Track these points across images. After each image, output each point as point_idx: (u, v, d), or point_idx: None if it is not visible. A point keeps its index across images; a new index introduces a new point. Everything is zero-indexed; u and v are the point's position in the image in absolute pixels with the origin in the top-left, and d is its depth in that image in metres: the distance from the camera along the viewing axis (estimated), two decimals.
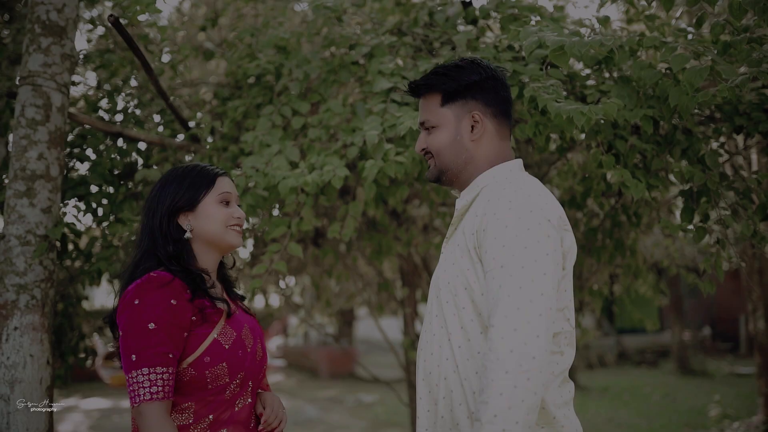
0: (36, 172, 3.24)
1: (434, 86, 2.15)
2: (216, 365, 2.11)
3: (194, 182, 2.23)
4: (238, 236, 2.28)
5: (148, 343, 2.00)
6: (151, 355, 2.00)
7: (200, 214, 2.22)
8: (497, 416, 1.73)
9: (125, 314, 2.05)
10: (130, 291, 2.08)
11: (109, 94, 4.18)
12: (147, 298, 2.05)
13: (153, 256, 2.18)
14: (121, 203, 3.74)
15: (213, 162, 3.73)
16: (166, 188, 2.23)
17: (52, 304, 3.26)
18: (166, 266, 2.15)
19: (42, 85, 3.29)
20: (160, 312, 2.03)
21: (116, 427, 11.09)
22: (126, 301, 2.07)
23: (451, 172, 2.16)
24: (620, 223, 4.17)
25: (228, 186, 2.28)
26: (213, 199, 2.23)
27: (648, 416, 10.79)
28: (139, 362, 1.99)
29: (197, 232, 2.22)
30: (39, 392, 3.13)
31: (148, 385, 1.98)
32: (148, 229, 2.22)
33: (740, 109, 3.21)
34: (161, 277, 2.10)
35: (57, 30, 3.35)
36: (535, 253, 1.86)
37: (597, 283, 5.12)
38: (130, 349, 2.01)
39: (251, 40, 4.13)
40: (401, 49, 3.58)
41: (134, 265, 2.20)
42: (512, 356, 1.76)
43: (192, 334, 2.09)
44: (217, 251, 2.28)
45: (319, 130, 3.43)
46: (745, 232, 3.01)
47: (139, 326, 2.02)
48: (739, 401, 11.54)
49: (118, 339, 2.14)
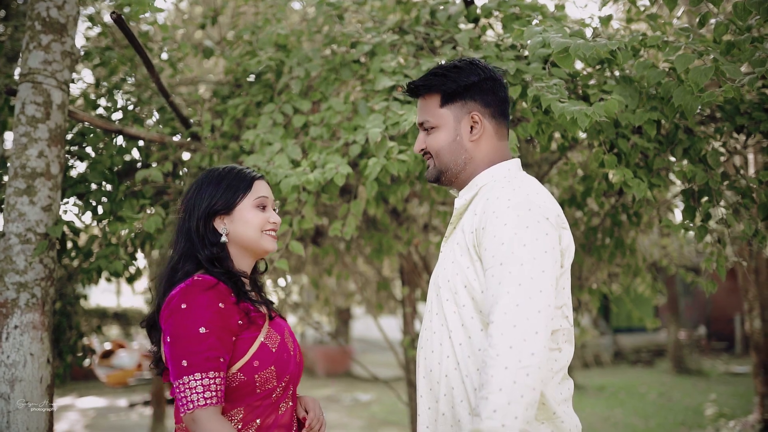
0: (36, 170, 3.22)
1: (433, 87, 2.17)
2: (265, 369, 2.09)
3: (231, 185, 2.20)
4: (273, 241, 2.25)
5: (199, 348, 1.97)
6: (203, 359, 1.96)
7: (236, 218, 2.19)
8: (496, 411, 1.74)
9: (173, 319, 2.01)
10: (176, 295, 2.04)
11: (108, 92, 4.16)
12: (195, 302, 2.01)
13: (192, 258, 2.15)
14: (121, 201, 3.72)
15: (213, 160, 3.72)
16: (203, 190, 2.20)
17: (52, 303, 3.24)
18: (207, 269, 2.12)
19: (42, 83, 3.27)
20: (210, 316, 2.00)
21: (112, 426, 11.07)
22: (172, 306, 2.03)
23: (451, 172, 2.18)
24: (620, 222, 4.18)
25: (264, 190, 2.26)
26: (250, 203, 2.21)
27: (644, 415, 10.81)
28: (191, 368, 1.95)
29: (233, 236, 2.20)
30: (39, 391, 3.11)
31: (201, 390, 1.95)
32: (184, 231, 2.19)
33: (741, 109, 3.22)
34: (206, 280, 2.07)
35: (57, 27, 3.33)
36: (534, 250, 1.88)
37: (596, 282, 5.12)
38: (180, 355, 1.97)
39: (251, 38, 4.12)
40: (403, 47, 3.57)
41: (172, 268, 2.16)
42: (512, 352, 1.77)
43: (239, 338, 2.07)
44: (252, 255, 2.25)
45: (321, 129, 3.42)
46: (747, 232, 3.02)
47: (189, 331, 1.98)
48: (734, 400, 11.57)
49: (158, 343, 2.12)
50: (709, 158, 3.11)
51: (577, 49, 2.55)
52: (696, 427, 9.78)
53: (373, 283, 7.18)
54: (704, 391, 12.71)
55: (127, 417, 11.96)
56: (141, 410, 12.57)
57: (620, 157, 3.18)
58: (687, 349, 17.17)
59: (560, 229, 1.99)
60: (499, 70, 2.28)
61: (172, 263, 2.16)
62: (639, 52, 2.93)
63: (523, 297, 1.82)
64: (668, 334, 16.60)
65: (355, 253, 5.34)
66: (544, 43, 2.63)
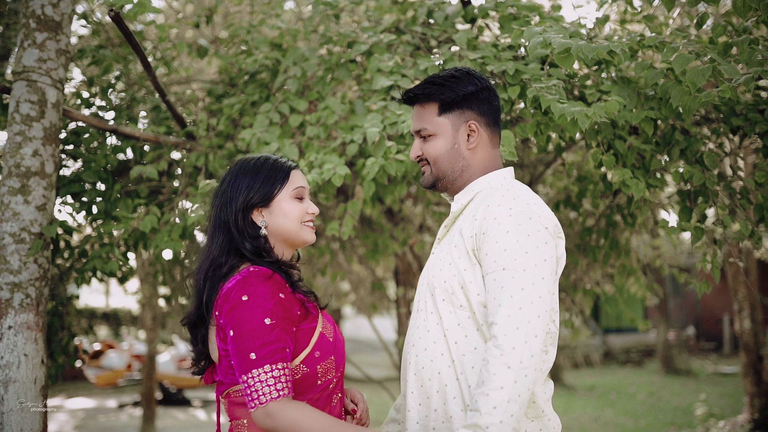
0: (31, 169, 3.20)
1: (432, 96, 2.21)
2: (325, 359, 2.06)
3: (269, 176, 2.13)
4: (312, 232, 2.20)
5: (267, 340, 1.91)
6: (272, 351, 1.91)
7: (275, 211, 2.13)
8: (497, 408, 1.82)
9: (235, 313, 1.94)
10: (234, 288, 1.97)
11: (102, 91, 4.14)
12: (256, 293, 1.95)
13: (234, 251, 2.09)
14: (115, 201, 3.70)
15: (209, 160, 3.70)
16: (238, 181, 2.13)
17: (46, 303, 3.22)
18: (253, 261, 2.06)
19: (37, 81, 3.25)
20: (273, 306, 1.95)
21: (102, 427, 11.01)
22: (233, 299, 1.96)
23: (448, 178, 2.24)
24: (615, 223, 4.19)
25: (301, 180, 2.19)
26: (288, 195, 2.14)
27: (634, 415, 10.85)
28: (260, 360, 1.90)
29: (272, 228, 2.13)
30: (33, 392, 3.09)
31: (273, 382, 1.89)
32: (222, 224, 2.11)
33: (737, 110, 3.24)
34: (263, 271, 2.01)
35: (52, 25, 3.31)
36: (535, 258, 1.97)
37: (589, 283, 5.14)
38: (247, 348, 1.91)
39: (247, 37, 4.10)
40: (400, 47, 3.56)
41: (215, 262, 2.09)
42: (515, 353, 1.86)
43: (299, 329, 2.03)
44: (291, 246, 2.19)
45: (317, 128, 3.41)
46: (743, 232, 3.03)
47: (255, 323, 1.92)
48: (723, 400, 11.64)
49: (204, 341, 2.07)
50: (706, 159, 3.12)
51: (579, 49, 2.56)
52: (686, 427, 9.83)
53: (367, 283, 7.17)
54: (693, 391, 12.77)
55: (116, 418, 11.90)
56: (131, 411, 12.52)
57: (617, 158, 3.19)
58: (676, 350, 17.26)
59: (557, 238, 2.09)
60: (490, 79, 2.32)
61: (212, 257, 2.09)
62: (637, 53, 2.94)
63: (525, 301, 1.91)
64: (657, 335, 16.69)
65: (350, 253, 5.33)
66: (545, 43, 2.63)
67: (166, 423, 11.26)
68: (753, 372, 9.31)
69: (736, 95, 2.55)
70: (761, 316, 9.88)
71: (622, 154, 3.12)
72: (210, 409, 12.82)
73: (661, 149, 3.23)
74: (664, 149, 3.22)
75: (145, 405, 10.08)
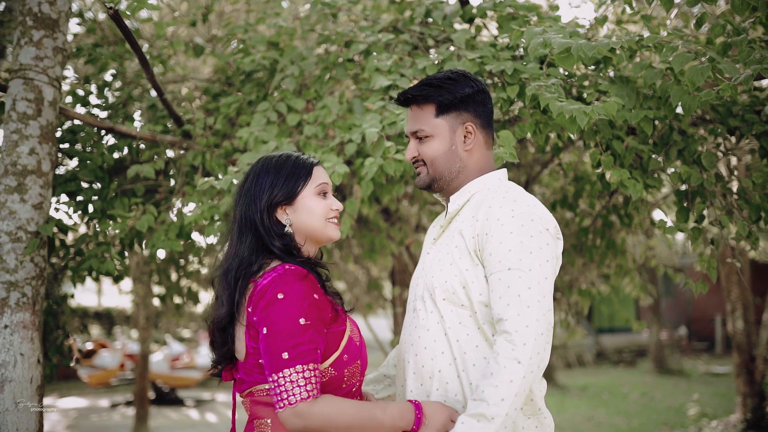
0: (27, 167, 3.18)
1: (430, 97, 2.23)
2: (353, 363, 2.05)
3: (292, 174, 2.11)
4: (337, 229, 2.18)
5: (301, 340, 1.90)
6: (304, 351, 1.89)
7: (299, 208, 2.11)
8: (504, 400, 1.87)
9: (270, 311, 1.92)
10: (269, 285, 1.95)
11: (99, 89, 4.12)
12: (292, 292, 1.93)
13: (264, 249, 2.07)
14: (112, 200, 3.68)
15: (206, 158, 3.69)
16: (261, 180, 2.10)
17: (42, 302, 3.20)
18: (284, 259, 2.04)
19: (34, 79, 3.22)
20: (308, 306, 1.93)
21: (94, 426, 10.97)
22: (268, 297, 1.93)
23: (444, 179, 2.27)
24: (611, 223, 4.20)
25: (324, 176, 2.18)
26: (311, 192, 2.13)
27: (627, 415, 10.89)
28: (292, 360, 1.88)
29: (297, 226, 2.11)
30: (29, 392, 3.07)
31: (303, 383, 1.88)
32: (248, 223, 2.09)
33: (734, 111, 3.25)
34: (298, 270, 1.99)
35: (49, 23, 3.29)
36: (539, 258, 2.02)
37: (585, 283, 5.15)
38: (280, 348, 1.88)
39: (244, 36, 4.09)
40: (398, 46, 3.56)
41: (244, 261, 2.06)
42: (525, 349, 1.91)
43: (329, 331, 2.01)
44: (316, 244, 2.18)
45: (315, 128, 3.40)
46: (741, 233, 3.04)
47: (289, 322, 1.90)
48: (716, 400, 11.69)
49: (231, 340, 2.06)
50: (704, 160, 3.13)
51: (579, 48, 2.56)
52: (678, 427, 9.87)
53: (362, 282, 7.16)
54: (686, 391, 12.82)
55: (109, 417, 11.86)
56: (123, 410, 12.48)
57: (615, 158, 3.19)
58: (668, 350, 17.33)
59: (556, 239, 2.14)
60: (488, 78, 2.35)
61: (241, 257, 2.06)
62: (635, 52, 2.94)
63: (532, 300, 1.96)
64: (650, 335, 16.74)
65: (346, 252, 5.32)
66: (545, 43, 2.64)
67: (158, 422, 11.23)
68: (746, 372, 9.35)
69: (736, 94, 2.56)
70: (754, 317, 9.92)
71: (620, 155, 3.13)
72: (202, 409, 12.79)
73: (659, 150, 3.23)
74: (661, 149, 3.23)
75: (138, 404, 10.05)
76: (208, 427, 11.05)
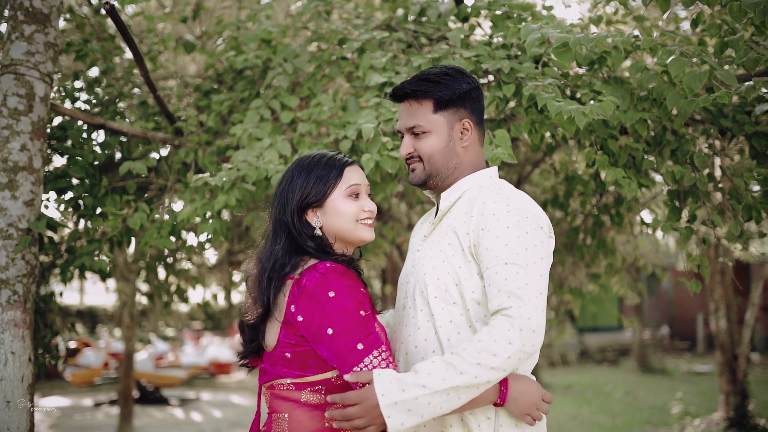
0: (18, 163, 3.14)
1: (429, 93, 2.21)
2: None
3: (321, 175, 2.12)
4: (369, 230, 2.18)
5: (368, 330, 1.95)
6: (374, 339, 1.95)
7: (328, 210, 2.12)
8: (497, 356, 1.85)
9: (328, 311, 1.95)
10: (317, 287, 1.98)
11: (89, 85, 4.08)
12: (341, 288, 1.97)
13: (298, 250, 2.09)
14: (103, 197, 3.65)
15: (198, 156, 3.66)
16: (294, 181, 2.13)
17: (33, 300, 3.17)
18: (319, 257, 2.07)
19: (25, 74, 3.19)
20: (361, 297, 1.98)
21: (78, 425, 10.87)
22: (317, 297, 1.96)
23: (440, 176, 2.25)
24: (602, 222, 4.22)
25: (356, 177, 2.17)
26: (341, 193, 2.13)
27: (611, 413, 10.96)
28: (367, 349, 1.93)
29: (327, 228, 2.13)
30: (20, 390, 3.04)
31: (385, 365, 1.93)
32: (282, 225, 2.12)
33: (725, 112, 3.27)
34: (338, 266, 2.02)
35: (41, 17, 3.25)
36: (534, 255, 2.00)
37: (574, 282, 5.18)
38: (352, 341, 1.93)
39: (237, 33, 4.07)
40: (393, 44, 3.55)
41: (277, 262, 2.08)
42: (521, 335, 1.87)
43: None
44: (350, 245, 2.19)
45: (309, 125, 3.39)
46: (733, 232, 3.07)
47: (351, 317, 1.94)
48: (698, 399, 11.80)
49: (262, 337, 2.09)
50: (696, 159, 3.15)
51: (578, 42, 2.55)
52: (662, 425, 9.95)
53: None
54: (668, 390, 12.93)
55: (92, 417, 11.76)
56: (107, 410, 12.38)
57: (609, 157, 3.21)
58: (651, 349, 17.47)
59: (549, 238, 2.13)
60: (483, 77, 2.37)
61: (275, 258, 2.09)
62: (630, 53, 2.95)
63: (531, 295, 1.93)
64: (633, 334, 16.86)
65: None
66: (543, 39, 2.63)
67: (143, 422, 11.16)
68: (728, 371, 9.44)
69: (731, 100, 2.58)
70: (736, 316, 10.02)
71: (615, 154, 3.14)
72: (187, 408, 12.72)
73: (652, 149, 3.25)
74: (655, 149, 3.25)
75: (123, 403, 9.97)
76: (193, 426, 10.99)
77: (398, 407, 1.83)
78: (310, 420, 2.03)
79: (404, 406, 1.83)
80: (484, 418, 2.05)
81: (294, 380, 2.05)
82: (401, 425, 1.84)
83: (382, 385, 1.86)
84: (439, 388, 1.83)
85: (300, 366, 2.03)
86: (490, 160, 2.69)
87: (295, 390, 2.05)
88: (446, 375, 1.84)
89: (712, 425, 9.29)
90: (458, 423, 2.07)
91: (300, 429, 2.02)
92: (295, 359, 2.03)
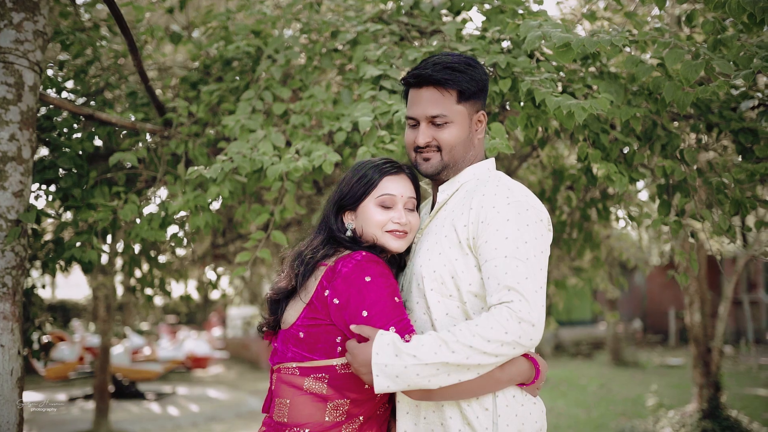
0: (7, 154, 3.09)
1: (457, 82, 2.18)
2: None
3: (361, 180, 2.20)
4: (397, 241, 2.20)
5: (401, 315, 2.02)
6: (406, 324, 2.01)
7: (360, 215, 2.21)
8: (490, 342, 1.87)
9: (364, 294, 2.02)
10: (353, 272, 2.05)
11: (76, 75, 4.01)
12: (377, 274, 2.04)
13: (332, 241, 2.18)
14: (92, 188, 3.60)
15: (188, 147, 3.63)
16: (342, 181, 2.24)
17: (23, 292, 3.12)
18: (353, 249, 2.14)
19: (14, 63, 3.13)
20: (395, 285, 2.07)
21: (52, 421, 10.73)
22: (356, 283, 2.03)
23: (456, 167, 2.24)
24: (589, 216, 4.26)
25: (394, 187, 2.20)
26: (372, 201, 2.19)
27: (586, 406, 11.09)
28: (399, 333, 1.99)
29: (358, 231, 2.20)
30: (10, 384, 3.00)
31: None
32: (325, 218, 2.24)
33: (712, 108, 3.32)
34: (372, 255, 2.09)
35: (30, 5, 3.20)
36: (534, 248, 2.00)
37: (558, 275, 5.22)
38: (386, 325, 2.00)
39: (226, 23, 4.03)
40: (386, 36, 3.55)
41: (314, 248, 2.18)
42: (523, 325, 1.89)
43: None
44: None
45: (302, 117, 3.37)
46: (721, 226, 3.12)
47: (387, 302, 2.02)
48: (671, 391, 11.98)
49: (284, 310, 2.18)
50: (686, 154, 3.20)
51: (580, 43, 2.58)
52: (636, 417, 10.08)
53: None
54: (642, 383, 13.11)
55: (67, 411, 11.61)
56: (82, 404, 12.23)
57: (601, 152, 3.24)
58: (624, 342, 17.68)
59: (548, 231, 2.13)
60: None
61: (314, 246, 2.19)
62: (624, 48, 2.98)
63: (531, 290, 1.93)
64: (607, 328, 17.05)
65: None
66: (543, 37, 2.65)
67: (119, 416, 11.04)
68: (702, 363, 9.56)
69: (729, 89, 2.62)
70: (710, 310, 10.17)
71: (606, 148, 3.17)
72: (164, 403, 12.62)
73: (643, 144, 3.29)
74: (645, 144, 3.29)
75: (99, 398, 9.85)
76: (170, 420, 10.90)
77: (387, 370, 1.89)
78: (309, 410, 2.07)
79: (393, 370, 1.89)
80: (482, 410, 2.05)
81: (300, 364, 2.10)
82: (387, 388, 1.91)
83: (379, 345, 1.92)
84: (429, 361, 1.87)
85: (309, 348, 2.09)
86: (488, 151, 2.70)
87: (299, 375, 2.10)
88: (438, 350, 1.88)
89: (686, 417, 9.42)
90: (457, 414, 2.08)
91: (299, 417, 2.07)
92: (306, 339, 2.10)
